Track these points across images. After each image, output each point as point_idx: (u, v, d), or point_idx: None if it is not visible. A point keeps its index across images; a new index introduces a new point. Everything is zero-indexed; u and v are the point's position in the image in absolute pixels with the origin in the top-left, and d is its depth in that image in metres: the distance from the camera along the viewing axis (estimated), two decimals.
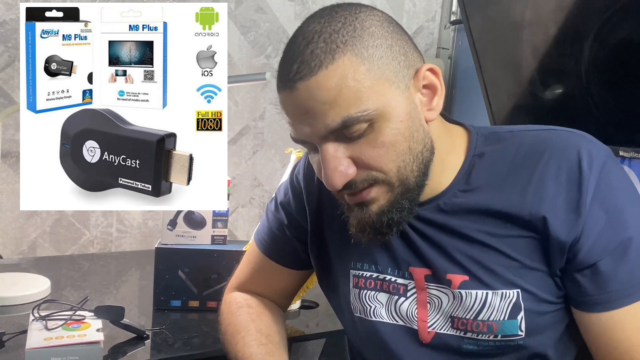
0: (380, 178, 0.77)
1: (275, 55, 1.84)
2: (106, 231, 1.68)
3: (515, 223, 0.79)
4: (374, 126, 0.74)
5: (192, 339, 1.15)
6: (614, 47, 1.36)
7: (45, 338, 0.99)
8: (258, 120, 1.85)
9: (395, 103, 0.75)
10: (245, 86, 1.80)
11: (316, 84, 0.73)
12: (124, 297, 1.38)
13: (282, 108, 0.79)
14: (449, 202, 0.83)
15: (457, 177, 0.83)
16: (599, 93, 1.41)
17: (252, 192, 1.88)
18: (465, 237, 0.81)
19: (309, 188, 0.98)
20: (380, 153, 0.75)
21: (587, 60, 1.42)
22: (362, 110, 0.73)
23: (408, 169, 0.77)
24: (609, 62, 1.39)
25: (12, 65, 1.51)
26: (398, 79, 0.75)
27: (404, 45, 0.77)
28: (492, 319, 0.80)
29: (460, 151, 0.84)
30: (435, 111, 0.79)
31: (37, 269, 1.46)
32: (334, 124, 0.73)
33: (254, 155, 1.86)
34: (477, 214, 0.81)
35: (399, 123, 0.75)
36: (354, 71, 0.72)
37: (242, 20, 1.78)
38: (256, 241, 1.05)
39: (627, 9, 1.32)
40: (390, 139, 0.75)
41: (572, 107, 1.48)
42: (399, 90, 0.75)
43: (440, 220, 0.83)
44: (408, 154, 0.76)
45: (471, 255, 0.81)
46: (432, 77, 0.79)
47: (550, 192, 0.77)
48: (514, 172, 0.80)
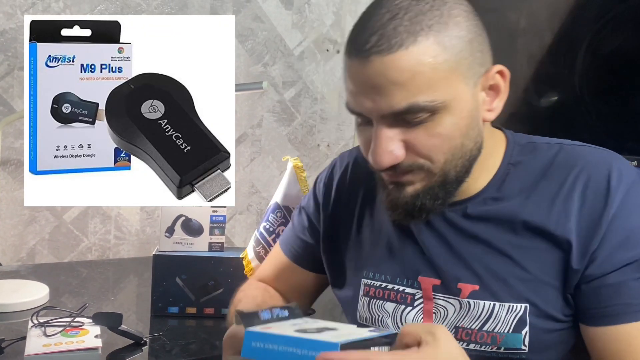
0: (426, 166, 0.77)
1: (272, 64, 1.85)
2: (104, 238, 1.69)
3: (539, 235, 0.78)
4: (435, 116, 0.73)
5: (190, 345, 1.16)
6: (607, 55, 1.38)
7: (44, 344, 1.00)
8: (255, 127, 1.86)
9: (461, 98, 0.74)
10: (243, 94, 1.81)
11: (392, 62, 0.71)
12: (122, 303, 1.39)
13: (346, 74, 0.76)
14: (477, 208, 0.82)
15: (490, 183, 0.83)
16: (593, 101, 1.42)
17: (250, 199, 1.89)
18: (486, 243, 0.81)
19: (326, 196, 0.99)
20: (434, 143, 0.75)
21: (581, 69, 1.43)
22: (430, 99, 0.72)
23: (454, 163, 0.77)
24: (603, 71, 1.40)
25: (11, 73, 1.52)
26: (470, 74, 0.75)
27: (482, 42, 0.77)
28: (497, 330, 0.79)
29: (497, 157, 0.84)
30: (494, 113, 0.79)
31: (36, 275, 1.46)
32: (398, 106, 0.72)
33: (251, 162, 1.87)
34: (502, 223, 0.80)
35: (460, 119, 0.74)
36: (433, 58, 0.71)
37: (239, 29, 1.79)
38: (280, 243, 1.07)
39: (619, 18, 1.34)
40: (447, 132, 0.74)
41: (567, 115, 1.50)
42: (467, 87, 0.75)
43: (464, 225, 0.82)
44: (459, 149, 0.76)
45: (487, 264, 0.80)
46: (500, 79, 0.78)
47: (576, 205, 0.77)
48: (544, 183, 0.80)
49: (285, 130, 1.90)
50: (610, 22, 1.35)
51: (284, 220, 1.30)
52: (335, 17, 1.93)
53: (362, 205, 0.94)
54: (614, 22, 1.35)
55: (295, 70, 1.89)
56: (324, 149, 1.98)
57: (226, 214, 1.40)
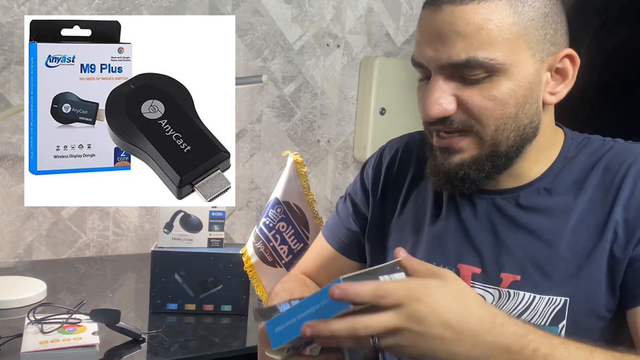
0: (475, 129, 0.77)
1: (272, 58, 1.84)
2: (102, 234, 1.68)
3: (588, 228, 0.78)
4: (493, 78, 0.74)
5: (189, 342, 1.15)
6: (611, 50, 1.37)
7: (41, 341, 0.99)
8: (255, 123, 1.85)
9: (523, 67, 0.75)
10: (242, 89, 1.80)
11: (461, 13, 0.73)
12: (120, 300, 1.38)
13: (417, 25, 0.79)
14: (530, 198, 0.82)
15: (545, 174, 0.83)
16: (596, 96, 1.41)
17: (249, 195, 1.87)
18: (533, 234, 0.81)
19: (375, 181, 0.99)
20: (487, 105, 0.75)
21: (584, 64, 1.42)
22: (489, 57, 0.73)
23: (505, 134, 0.77)
24: (606, 66, 1.39)
25: (8, 68, 1.51)
26: (538, 48, 0.76)
27: (558, 22, 0.77)
28: (534, 321, 0.78)
29: (555, 150, 0.84)
30: (556, 97, 0.80)
31: (33, 272, 1.45)
32: (458, 58, 0.73)
33: (250, 158, 1.86)
34: (553, 215, 0.80)
35: (518, 87, 0.75)
36: (501, 18, 0.73)
37: (239, 23, 1.78)
38: (323, 232, 1.07)
39: (623, 12, 1.32)
40: (502, 97, 0.75)
41: (569, 110, 1.48)
42: (533, 58, 0.75)
43: (514, 214, 0.82)
44: (512, 120, 0.76)
45: (531, 255, 0.80)
46: (569, 64, 0.79)
47: (625, 195, 0.77)
48: (598, 176, 0.80)
49: (285, 125, 1.89)
50: (613, 15, 1.34)
51: (284, 215, 1.30)
52: (336, 12, 1.92)
53: (409, 189, 0.95)
54: (617, 16, 1.33)
55: (295, 65, 1.88)
56: (324, 145, 1.97)
57: (225, 210, 1.38)
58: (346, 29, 1.95)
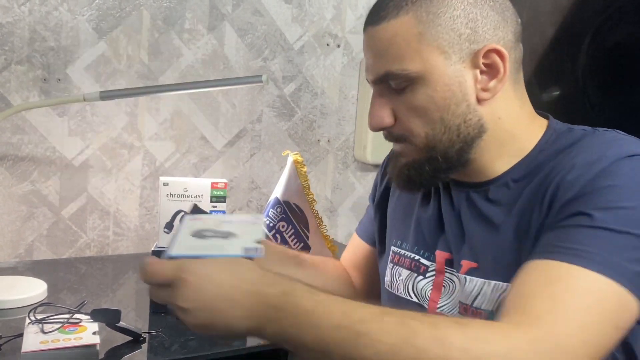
0: (410, 139, 0.82)
1: (272, 58, 1.84)
2: (103, 234, 1.68)
3: (532, 212, 0.78)
4: (414, 87, 0.79)
5: (189, 341, 1.15)
6: (611, 49, 1.37)
7: (42, 341, 0.99)
8: (255, 122, 1.85)
9: (437, 72, 0.78)
10: (243, 89, 1.80)
11: (376, 33, 0.80)
12: (121, 300, 1.38)
13: None
14: (498, 191, 0.83)
15: (514, 167, 0.83)
16: (596, 95, 1.41)
17: (250, 194, 1.87)
18: (494, 226, 0.81)
19: (383, 171, 1.06)
20: (412, 114, 0.80)
21: (584, 62, 1.42)
22: (402, 68, 0.78)
23: (437, 137, 0.80)
24: (606, 64, 1.39)
25: (8, 68, 1.51)
26: (452, 50, 0.77)
27: (477, 20, 0.78)
28: (484, 307, 0.80)
29: (529, 142, 0.83)
30: (490, 93, 0.80)
31: (34, 272, 1.45)
32: (378, 74, 0.81)
33: (251, 158, 1.86)
34: (510, 206, 0.81)
35: (434, 92, 0.78)
36: (407, 32, 0.77)
37: (239, 23, 1.78)
38: (357, 229, 1.14)
39: (623, 11, 1.32)
40: (422, 105, 0.79)
41: (570, 109, 1.48)
42: (447, 61, 0.78)
43: (482, 207, 0.84)
44: (440, 123, 0.79)
45: (489, 245, 0.81)
46: (497, 59, 0.79)
47: (561, 174, 0.76)
48: (553, 165, 0.79)
49: (285, 125, 1.89)
50: (614, 14, 1.34)
51: (284, 215, 1.30)
52: (336, 11, 1.92)
53: None
54: (617, 14, 1.33)
55: (295, 64, 1.88)
56: (324, 144, 1.97)
57: (226, 210, 1.38)
58: (346, 29, 1.95)
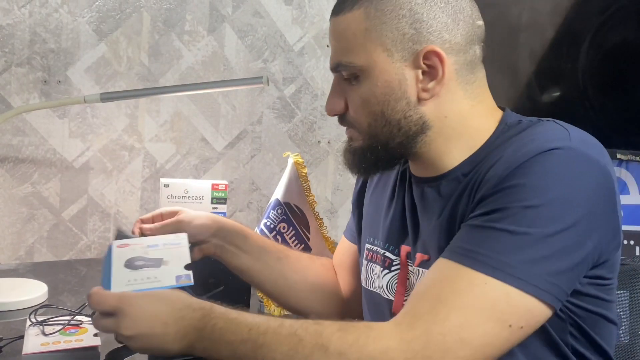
0: (356, 126, 0.86)
1: (272, 60, 1.84)
2: (103, 236, 1.68)
3: (466, 204, 0.80)
4: (360, 79, 0.83)
5: None
6: (610, 50, 1.37)
7: (42, 343, 0.99)
8: (255, 124, 1.85)
9: (379, 68, 0.81)
10: (243, 90, 1.80)
11: (334, 23, 0.84)
12: None
13: None
14: (449, 186, 0.84)
15: (465, 161, 0.84)
16: (596, 96, 1.41)
17: (250, 196, 1.87)
18: (444, 219, 0.83)
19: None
20: (358, 105, 0.84)
21: (584, 64, 1.42)
22: (349, 61, 0.82)
23: (378, 129, 0.84)
24: (606, 65, 1.39)
25: (8, 70, 1.51)
26: (396, 48, 0.80)
27: (422, 20, 0.79)
28: None
29: (482, 136, 0.84)
30: (428, 93, 0.81)
31: (35, 274, 1.45)
32: (333, 62, 0.85)
33: (251, 159, 1.86)
34: (460, 200, 0.81)
35: (375, 87, 0.81)
36: (356, 26, 0.81)
37: (239, 25, 1.78)
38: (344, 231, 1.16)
39: (623, 12, 1.32)
40: (365, 97, 0.83)
41: (569, 110, 1.49)
42: (389, 59, 0.80)
43: (434, 201, 0.86)
44: (380, 117, 0.83)
45: (440, 238, 0.83)
46: (436, 61, 0.80)
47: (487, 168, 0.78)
48: (491, 159, 0.79)
49: (285, 126, 1.89)
50: (613, 15, 1.34)
51: (285, 217, 1.30)
52: None
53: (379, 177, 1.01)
54: (617, 16, 1.33)
55: (295, 66, 1.88)
56: (324, 146, 1.97)
57: (226, 212, 1.39)
58: None
